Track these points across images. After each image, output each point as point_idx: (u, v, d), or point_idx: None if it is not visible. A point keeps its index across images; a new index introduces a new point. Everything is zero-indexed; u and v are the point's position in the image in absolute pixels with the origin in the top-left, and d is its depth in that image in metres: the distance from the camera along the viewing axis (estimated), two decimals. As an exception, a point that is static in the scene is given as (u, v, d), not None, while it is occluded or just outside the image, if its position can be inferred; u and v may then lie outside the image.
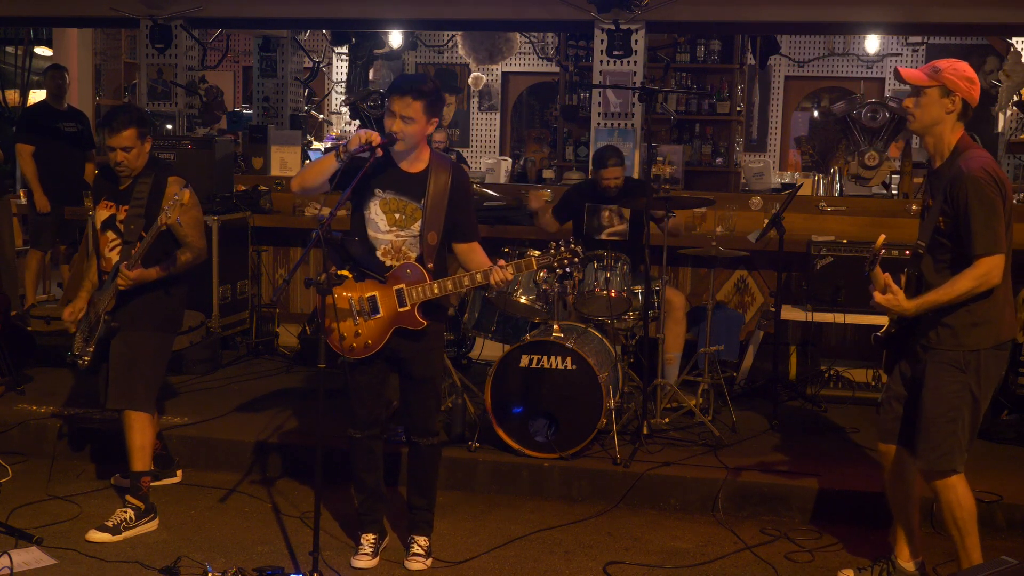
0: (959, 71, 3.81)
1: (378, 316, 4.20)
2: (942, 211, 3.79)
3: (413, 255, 4.21)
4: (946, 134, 3.85)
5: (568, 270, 4.26)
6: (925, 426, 3.89)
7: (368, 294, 4.20)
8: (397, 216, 4.21)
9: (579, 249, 4.14)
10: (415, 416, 4.42)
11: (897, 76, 3.92)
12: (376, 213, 4.23)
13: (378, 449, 4.48)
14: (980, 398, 3.87)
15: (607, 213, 6.29)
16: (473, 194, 4.48)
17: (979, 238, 3.70)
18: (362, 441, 4.41)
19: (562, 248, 4.14)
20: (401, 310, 4.17)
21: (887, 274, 3.82)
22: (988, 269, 3.72)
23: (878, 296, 3.83)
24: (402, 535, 4.56)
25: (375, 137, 4.09)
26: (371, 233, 4.24)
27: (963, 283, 3.74)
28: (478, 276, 4.15)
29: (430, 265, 4.19)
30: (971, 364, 3.83)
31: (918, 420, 3.92)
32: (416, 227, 4.20)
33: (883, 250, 3.77)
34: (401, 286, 4.17)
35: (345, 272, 4.14)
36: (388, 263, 4.22)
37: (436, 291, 4.14)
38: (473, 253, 4.32)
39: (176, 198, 4.52)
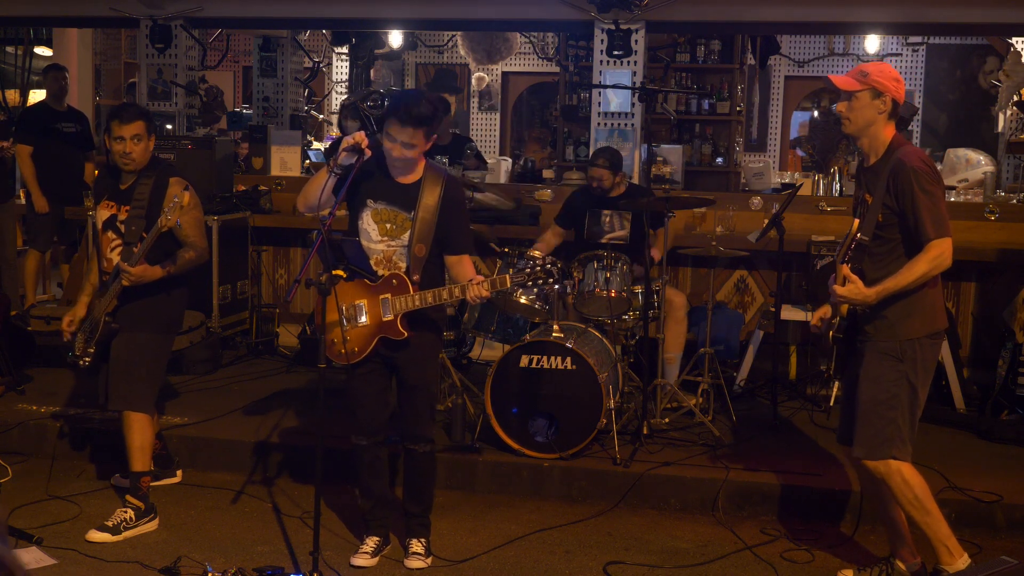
0: (886, 72, 3.94)
1: (364, 323, 4.21)
2: (884, 205, 3.88)
3: (404, 265, 4.21)
4: (880, 133, 3.97)
5: (544, 289, 4.26)
6: (863, 414, 3.95)
7: (357, 301, 4.21)
8: (388, 226, 4.22)
9: (554, 269, 4.10)
10: (408, 422, 4.41)
11: (829, 84, 3.97)
12: (368, 223, 4.23)
13: (383, 455, 4.48)
14: (918, 387, 3.94)
15: (608, 218, 6.29)
16: (466, 207, 4.49)
17: (928, 224, 3.82)
18: (367, 448, 4.41)
19: (537, 268, 4.11)
20: (385, 319, 4.17)
21: (846, 265, 3.86)
22: (941, 251, 3.82)
23: (839, 288, 3.87)
24: (400, 536, 4.56)
25: (362, 138, 4.08)
26: (364, 243, 4.24)
27: (919, 267, 3.83)
28: (456, 291, 4.14)
29: (416, 277, 4.19)
30: (907, 353, 3.91)
31: (856, 409, 3.98)
32: (406, 237, 4.20)
33: (859, 234, 3.81)
34: (387, 295, 4.17)
35: (339, 272, 4.15)
36: (380, 272, 4.21)
37: (418, 303, 4.14)
38: (461, 266, 4.30)
39: (176, 200, 4.52)
